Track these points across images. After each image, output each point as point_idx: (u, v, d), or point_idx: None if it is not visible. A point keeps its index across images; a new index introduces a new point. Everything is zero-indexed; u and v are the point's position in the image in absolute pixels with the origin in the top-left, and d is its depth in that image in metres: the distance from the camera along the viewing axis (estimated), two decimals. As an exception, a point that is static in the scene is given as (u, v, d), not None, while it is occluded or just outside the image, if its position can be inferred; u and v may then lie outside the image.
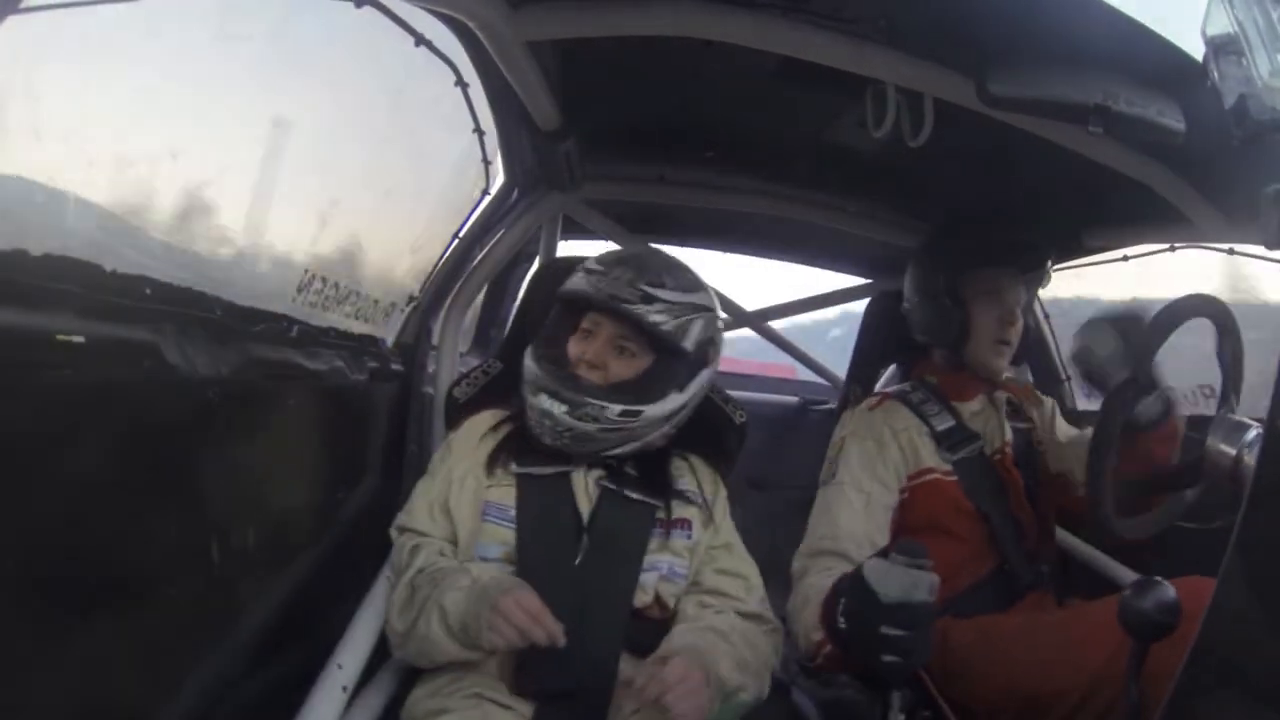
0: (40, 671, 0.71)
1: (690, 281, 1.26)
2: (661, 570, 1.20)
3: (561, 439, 1.20)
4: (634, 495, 1.21)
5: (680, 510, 1.24)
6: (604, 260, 1.26)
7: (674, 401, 1.23)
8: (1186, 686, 0.65)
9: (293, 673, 1.07)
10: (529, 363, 1.24)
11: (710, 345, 1.27)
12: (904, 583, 0.95)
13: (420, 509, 1.23)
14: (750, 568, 1.27)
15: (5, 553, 0.66)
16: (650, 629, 1.17)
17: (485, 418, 1.31)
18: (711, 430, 1.39)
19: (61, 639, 0.73)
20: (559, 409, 1.18)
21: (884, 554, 0.99)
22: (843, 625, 1.05)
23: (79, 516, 0.74)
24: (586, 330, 1.24)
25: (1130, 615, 0.90)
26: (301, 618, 1.15)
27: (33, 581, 0.69)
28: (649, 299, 1.20)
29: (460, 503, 1.21)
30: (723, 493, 1.32)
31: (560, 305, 1.29)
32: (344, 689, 1.06)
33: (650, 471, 1.26)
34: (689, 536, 1.23)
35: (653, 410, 1.21)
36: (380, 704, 1.15)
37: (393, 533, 1.24)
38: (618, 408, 1.19)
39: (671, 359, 1.23)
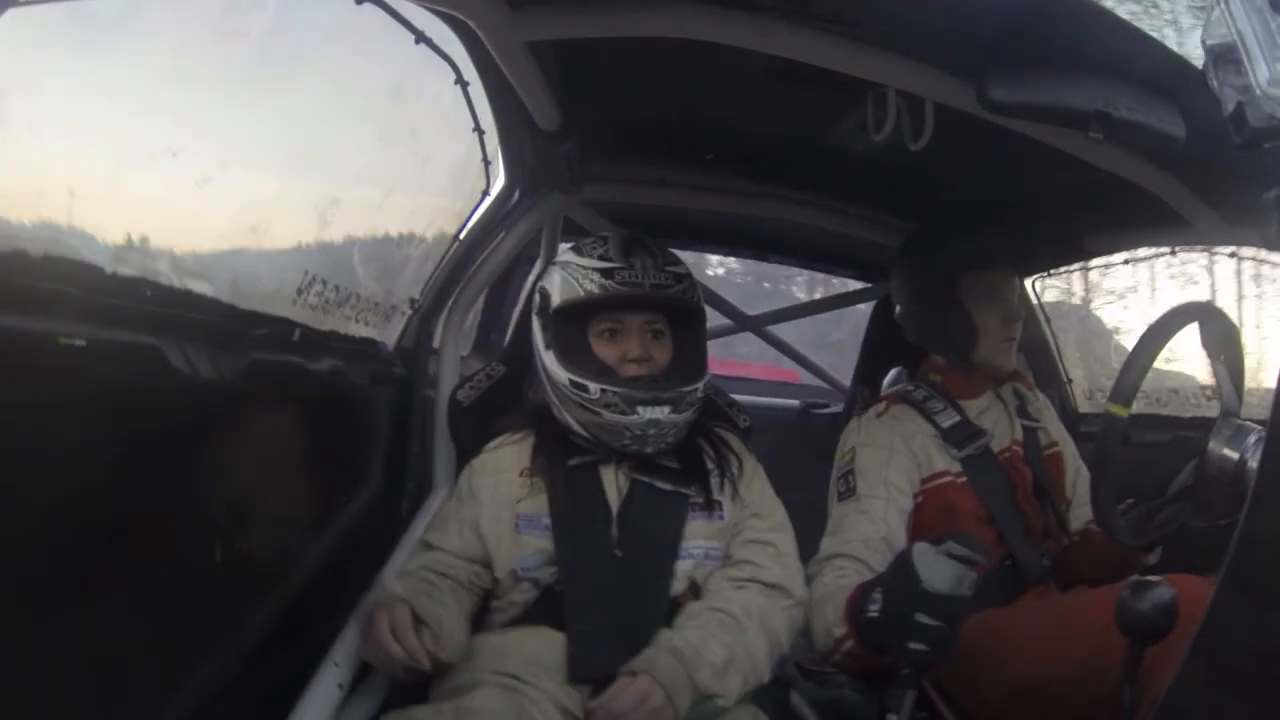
0: (39, 670, 0.71)
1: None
2: (697, 556, 1.17)
3: (665, 441, 1.18)
4: (665, 486, 1.19)
5: (714, 493, 1.22)
6: (611, 255, 1.20)
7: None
8: (1183, 688, 0.65)
9: (290, 672, 1.07)
10: (592, 387, 1.16)
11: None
12: (950, 576, 0.95)
13: (451, 528, 1.20)
14: (781, 535, 1.23)
15: (6, 554, 0.66)
16: None
17: (507, 450, 1.25)
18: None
19: (61, 639, 0.73)
20: (664, 413, 1.14)
21: (936, 540, 0.98)
22: (874, 610, 1.04)
23: (80, 519, 0.74)
24: (610, 330, 1.20)
25: (1126, 616, 0.89)
26: (301, 619, 1.15)
27: (33, 583, 0.70)
28: (678, 278, 1.21)
29: (494, 524, 1.19)
30: (751, 462, 1.29)
31: (576, 313, 1.21)
32: (339, 686, 1.06)
33: (681, 455, 1.22)
34: (722, 519, 1.21)
35: (704, 377, 1.23)
36: (375, 702, 1.14)
37: (419, 546, 1.23)
38: (698, 385, 1.20)
39: (697, 326, 1.25)
